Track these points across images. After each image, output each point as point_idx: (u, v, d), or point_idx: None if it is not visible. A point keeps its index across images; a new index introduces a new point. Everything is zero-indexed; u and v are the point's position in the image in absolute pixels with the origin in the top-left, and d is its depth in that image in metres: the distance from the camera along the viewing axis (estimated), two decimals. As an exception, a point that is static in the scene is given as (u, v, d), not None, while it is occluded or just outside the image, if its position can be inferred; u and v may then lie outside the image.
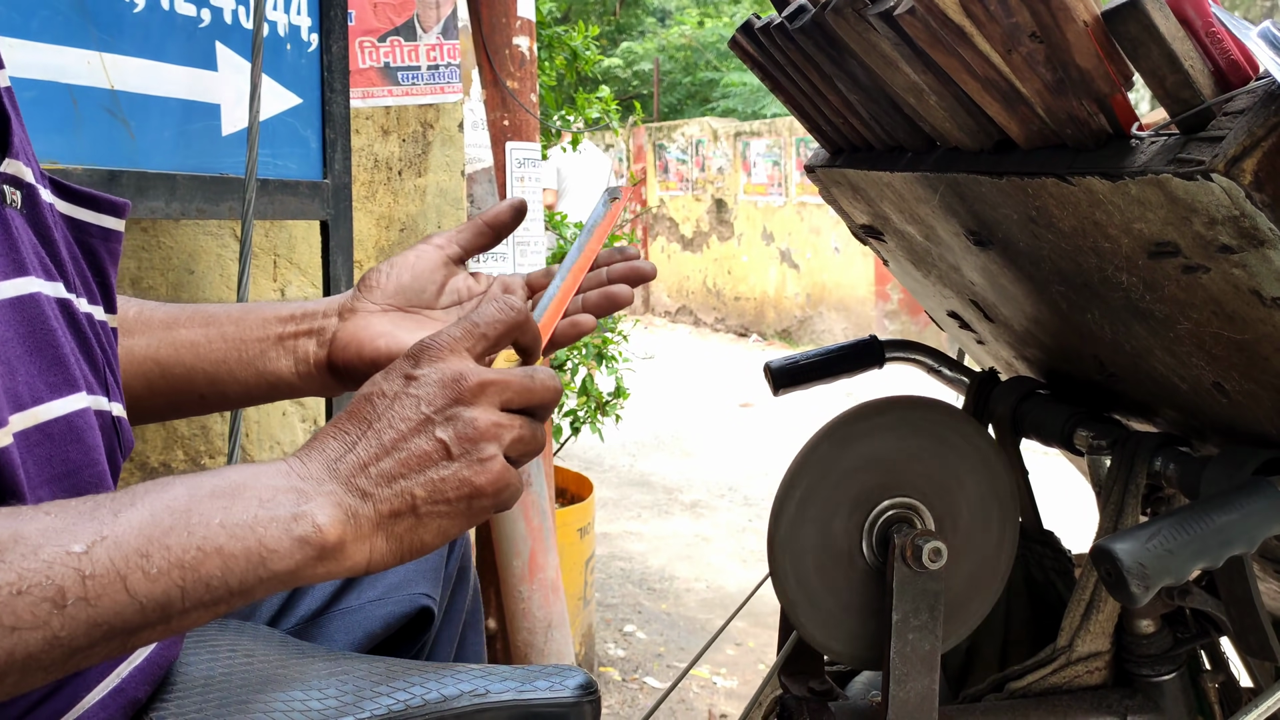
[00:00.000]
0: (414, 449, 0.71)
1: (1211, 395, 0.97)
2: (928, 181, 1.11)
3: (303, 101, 1.85)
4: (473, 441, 0.72)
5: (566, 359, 4.27)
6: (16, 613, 0.57)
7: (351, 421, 0.73)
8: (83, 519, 0.61)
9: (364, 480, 0.70)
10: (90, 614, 0.59)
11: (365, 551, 0.69)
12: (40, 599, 0.58)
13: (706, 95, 17.09)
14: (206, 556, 0.63)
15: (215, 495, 0.65)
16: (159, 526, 0.62)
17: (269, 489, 0.67)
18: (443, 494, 0.71)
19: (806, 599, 0.97)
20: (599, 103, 4.40)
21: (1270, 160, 0.69)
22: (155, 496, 0.64)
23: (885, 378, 1.51)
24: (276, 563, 0.65)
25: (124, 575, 0.60)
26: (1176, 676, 1.10)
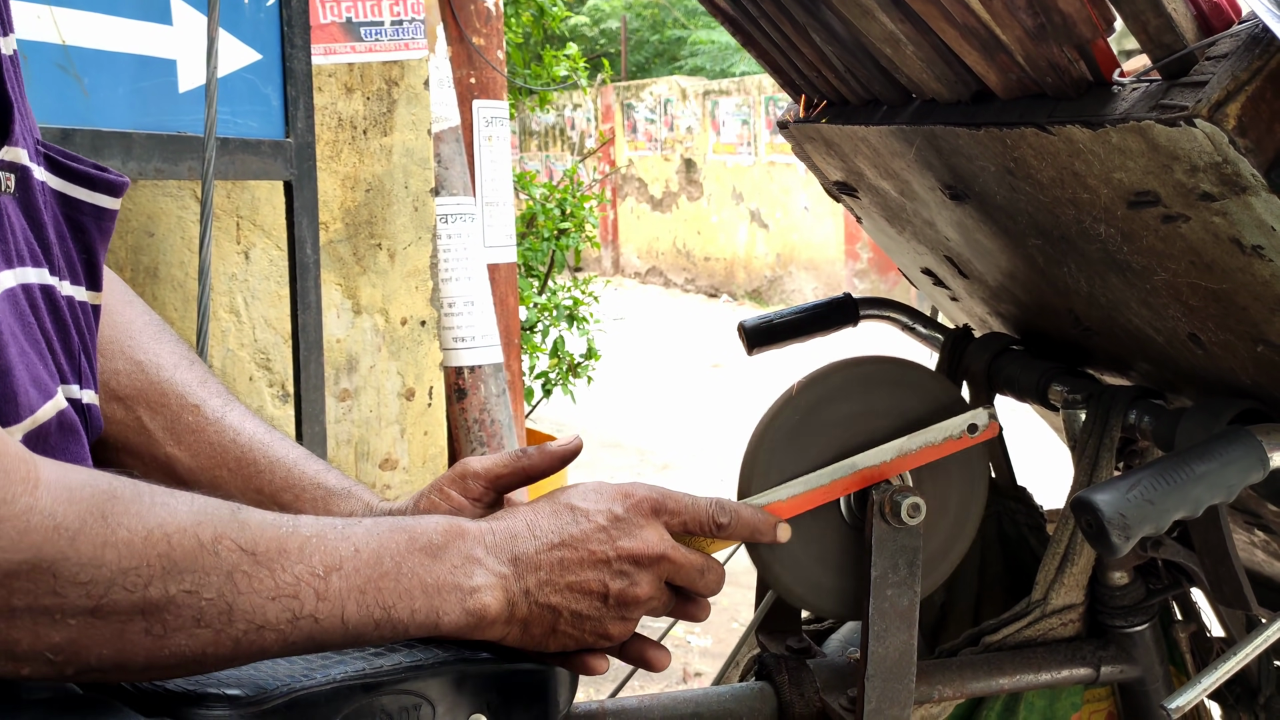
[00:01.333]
0: (582, 579, 0.80)
1: (1187, 347, 0.97)
2: (903, 135, 1.09)
3: (262, 58, 1.80)
4: (628, 604, 0.82)
5: (537, 321, 4.25)
6: (266, 615, 0.67)
7: (549, 520, 0.82)
8: (328, 544, 0.71)
9: (532, 579, 0.79)
10: (312, 629, 0.69)
11: (503, 633, 0.79)
12: (286, 608, 0.68)
13: (674, 54, 16.96)
14: (402, 603, 0.73)
15: (425, 550, 0.76)
16: (379, 568, 0.73)
17: (462, 556, 0.77)
18: (581, 626, 0.81)
19: (782, 557, 0.97)
20: (566, 60, 4.35)
21: (1254, 105, 0.68)
22: (383, 538, 0.74)
23: (859, 337, 1.50)
24: (445, 621, 0.75)
25: (345, 604, 0.70)
26: (1149, 627, 1.11)
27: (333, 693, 0.77)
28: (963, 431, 0.97)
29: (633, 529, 0.82)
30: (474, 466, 0.93)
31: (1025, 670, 1.07)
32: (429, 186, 2.58)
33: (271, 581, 0.67)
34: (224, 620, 0.65)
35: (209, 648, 0.65)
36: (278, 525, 0.70)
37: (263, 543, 0.68)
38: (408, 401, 2.59)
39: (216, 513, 0.67)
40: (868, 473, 0.95)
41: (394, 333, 2.54)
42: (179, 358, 0.99)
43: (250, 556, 0.67)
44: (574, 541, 0.80)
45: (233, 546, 0.66)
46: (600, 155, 12.90)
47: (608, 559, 0.81)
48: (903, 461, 0.96)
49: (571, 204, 4.44)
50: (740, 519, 0.88)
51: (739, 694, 1.00)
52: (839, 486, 0.94)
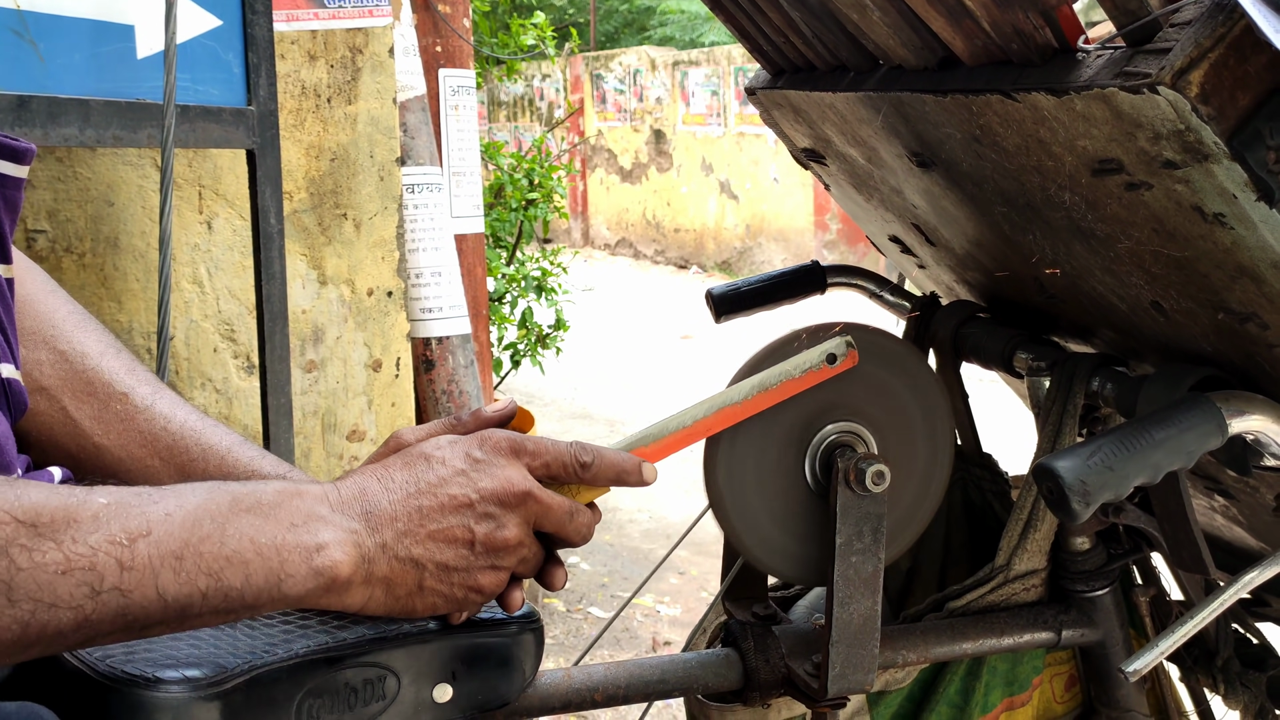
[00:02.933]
0: (445, 526, 0.75)
1: (1149, 314, 0.98)
2: (871, 101, 1.09)
3: (222, 23, 1.77)
4: (497, 549, 0.77)
5: (505, 292, 4.23)
6: (57, 591, 0.61)
7: (401, 471, 0.76)
8: (131, 511, 0.65)
9: (389, 533, 0.74)
10: (120, 603, 0.63)
11: (364, 596, 0.74)
12: (81, 582, 0.62)
13: (643, 23, 16.84)
14: (232, 568, 0.67)
15: (253, 509, 0.69)
16: (198, 531, 0.67)
17: (301, 513, 0.71)
18: (449, 579, 0.76)
19: (749, 524, 0.97)
20: (534, 29, 4.31)
21: (1216, 72, 0.69)
22: (202, 499, 0.68)
23: (826, 305, 1.51)
24: (290, 586, 0.70)
25: (157, 573, 0.65)
26: (1110, 591, 1.12)
27: (294, 668, 0.76)
28: (821, 362, 0.93)
29: (493, 469, 0.77)
30: (407, 437, 0.89)
31: (988, 635, 1.08)
32: (395, 156, 2.55)
33: (59, 554, 0.62)
34: (3, 601, 0.60)
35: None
36: (66, 496, 0.64)
37: (45, 513, 0.62)
38: (375, 373, 2.57)
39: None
40: (730, 411, 0.91)
41: (360, 303, 2.52)
42: (105, 346, 0.96)
43: (29, 528, 0.61)
44: (431, 488, 0.76)
45: (5, 519, 0.61)
46: (569, 126, 12.82)
47: (470, 502, 0.76)
48: (764, 397, 0.91)
49: (540, 174, 4.41)
50: (604, 460, 0.83)
51: (705, 660, 1.00)
52: (702, 427, 0.90)
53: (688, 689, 1.00)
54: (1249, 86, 0.70)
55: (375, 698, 0.80)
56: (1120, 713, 1.16)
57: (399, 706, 0.81)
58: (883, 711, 1.13)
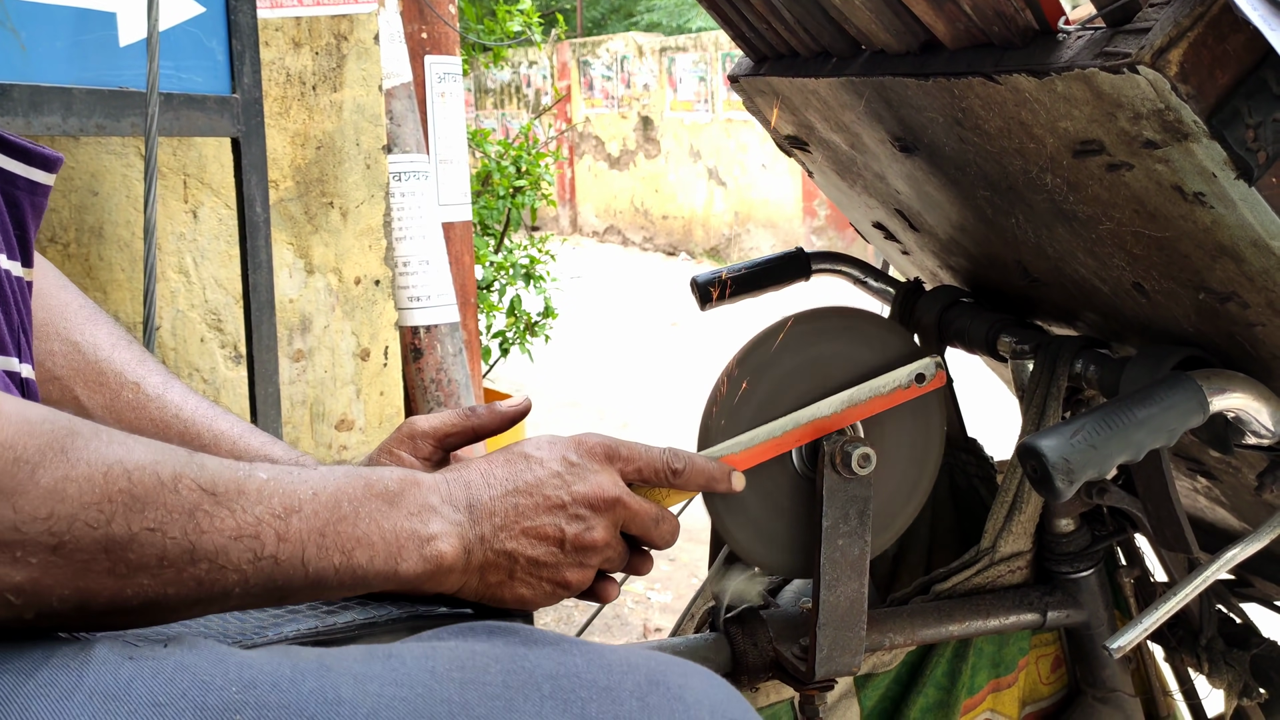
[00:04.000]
0: (538, 524, 0.80)
1: (1131, 296, 0.98)
2: (853, 87, 1.09)
3: (206, 10, 1.76)
4: (583, 548, 0.82)
5: (494, 280, 4.23)
6: (229, 555, 0.66)
7: (503, 468, 0.82)
8: (286, 487, 0.70)
9: (487, 526, 0.79)
10: (272, 571, 0.68)
11: (461, 582, 0.79)
12: (247, 548, 0.67)
13: (630, 9, 16.79)
14: (361, 548, 0.72)
15: (381, 496, 0.75)
16: (338, 511, 0.72)
17: (418, 502, 0.77)
18: (538, 574, 0.81)
19: (735, 510, 0.97)
20: (520, 15, 4.29)
21: (1195, 52, 0.69)
22: (340, 483, 0.73)
23: (812, 291, 1.51)
24: (404, 569, 0.75)
25: (304, 545, 0.70)
26: (1094, 573, 1.13)
27: None
28: (911, 381, 0.97)
29: (587, 474, 0.82)
30: (421, 426, 0.93)
31: (974, 617, 1.09)
32: (381, 144, 2.54)
33: (233, 521, 0.67)
34: (187, 559, 0.65)
35: (171, 588, 0.65)
36: (235, 468, 0.69)
37: (221, 483, 0.67)
38: (363, 362, 2.57)
39: (174, 453, 0.66)
40: (819, 424, 0.95)
41: (348, 292, 2.52)
42: (116, 338, 0.98)
43: (210, 496, 0.66)
44: (529, 488, 0.80)
45: (193, 485, 0.65)
46: (556, 113, 12.78)
47: (563, 503, 0.81)
48: (853, 412, 0.96)
49: (527, 162, 4.40)
50: (695, 467, 0.88)
51: (693, 645, 1.01)
52: (791, 438, 0.95)
53: (675, 672, 1.00)
54: (1228, 65, 0.70)
55: (364, 683, 0.80)
56: (1105, 692, 1.17)
57: (389, 692, 0.81)
58: (870, 694, 1.14)
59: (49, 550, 0.60)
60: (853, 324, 1.01)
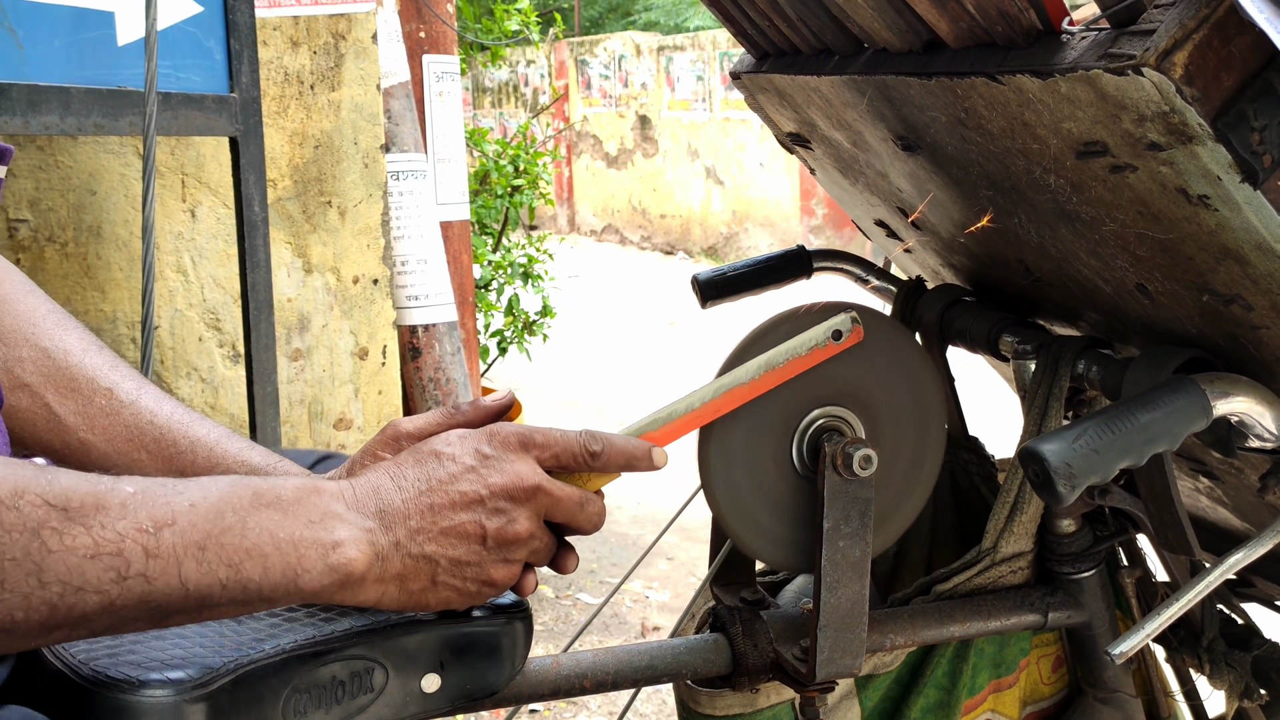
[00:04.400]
0: (457, 522, 0.76)
1: (1134, 297, 0.98)
2: (855, 85, 1.09)
3: (204, 9, 1.75)
4: (508, 543, 0.78)
5: (492, 279, 4.22)
6: (85, 575, 0.62)
7: (413, 469, 0.77)
8: (158, 500, 0.66)
9: (402, 531, 0.75)
10: (144, 590, 0.64)
11: (378, 593, 0.75)
12: (108, 567, 0.63)
13: (628, 8, 16.78)
14: (251, 560, 0.68)
15: (274, 504, 0.71)
16: (220, 523, 0.68)
17: (319, 510, 0.72)
18: (462, 574, 0.77)
19: (738, 509, 0.97)
20: (518, 15, 4.28)
21: (1200, 54, 0.68)
22: (224, 492, 0.69)
23: (813, 290, 1.50)
24: (306, 581, 0.71)
25: (181, 561, 0.66)
26: (1096, 573, 1.13)
27: (281, 664, 0.76)
28: (827, 339, 0.92)
29: (502, 464, 0.78)
30: (405, 427, 0.89)
31: (975, 618, 1.09)
32: (379, 143, 2.54)
33: (88, 539, 0.63)
34: (34, 582, 0.61)
35: (19, 613, 0.61)
36: (95, 482, 0.65)
37: (75, 498, 0.63)
38: (361, 361, 2.56)
39: (18, 471, 0.62)
40: (737, 392, 0.90)
41: (346, 291, 2.51)
42: (86, 343, 0.96)
43: (60, 512, 0.62)
44: (442, 485, 0.77)
45: (38, 502, 0.62)
46: (554, 112, 12.77)
47: (480, 498, 0.77)
48: (771, 376, 0.91)
49: (525, 160, 4.39)
50: (613, 447, 0.83)
51: (693, 645, 1.00)
52: (710, 409, 0.90)
53: (676, 674, 1.00)
54: (1233, 67, 0.70)
55: (363, 690, 0.80)
56: (1106, 693, 1.17)
57: (387, 698, 0.81)
58: (871, 695, 1.14)
59: None
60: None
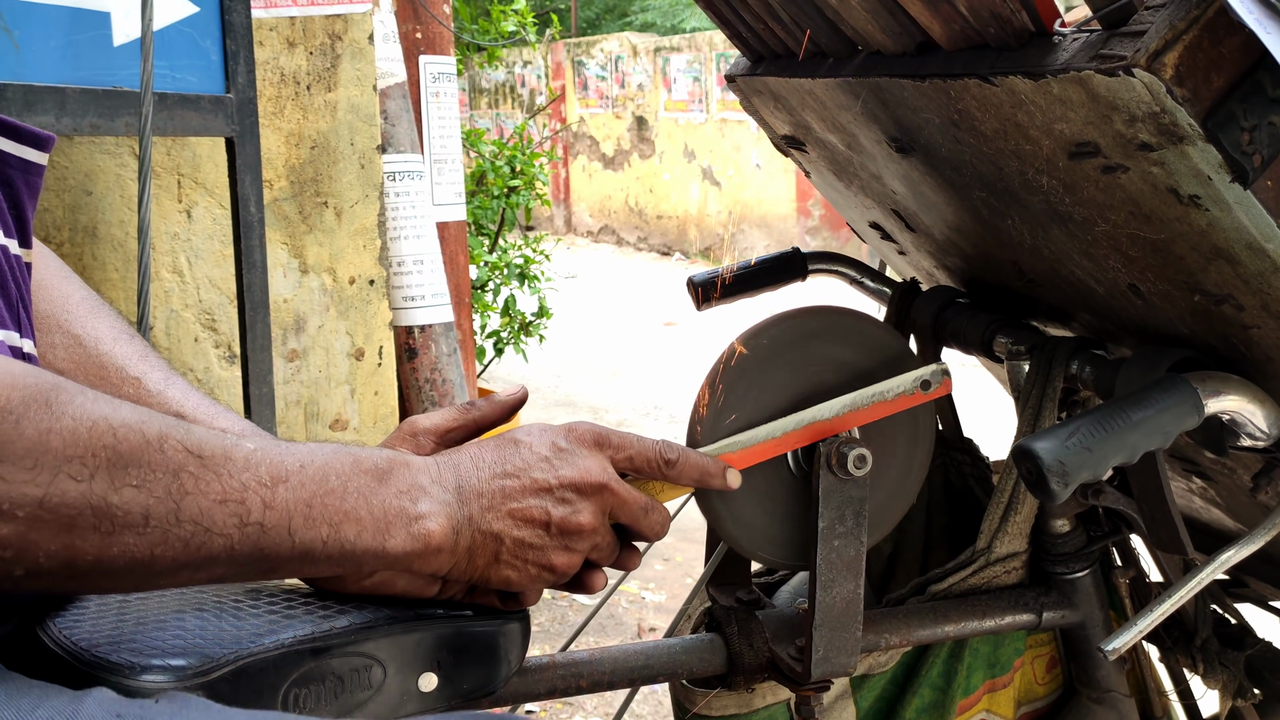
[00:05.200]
0: (525, 505, 0.80)
1: (1127, 297, 0.98)
2: (850, 87, 1.09)
3: (200, 10, 1.75)
4: (569, 532, 0.81)
5: (488, 280, 4.22)
6: (214, 518, 0.67)
7: (492, 452, 0.82)
8: (274, 458, 0.71)
9: (475, 507, 0.79)
10: (259, 538, 0.69)
11: (450, 562, 0.79)
12: (233, 513, 0.68)
13: (624, 9, 16.79)
14: (349, 522, 0.73)
15: (370, 473, 0.75)
16: (325, 485, 0.72)
17: (407, 481, 0.77)
18: (524, 556, 0.81)
19: (731, 510, 0.97)
20: (515, 16, 4.28)
21: (1191, 55, 0.69)
22: (329, 457, 0.74)
23: (809, 292, 1.51)
24: (391, 548, 0.75)
25: (291, 515, 0.70)
26: (1089, 573, 1.13)
27: (281, 658, 0.76)
28: (915, 387, 0.97)
29: (575, 458, 0.82)
30: (423, 423, 0.93)
31: (970, 617, 1.09)
32: (375, 144, 2.54)
33: (219, 485, 0.67)
34: (171, 520, 0.65)
35: (157, 548, 0.65)
36: (222, 437, 0.70)
37: (208, 448, 0.68)
38: (357, 361, 2.56)
39: (160, 417, 0.67)
40: (819, 427, 0.95)
41: (342, 292, 2.51)
42: (118, 332, 0.97)
43: (197, 459, 0.67)
44: (516, 471, 0.81)
45: (179, 447, 0.66)
46: (551, 112, 12.77)
47: (549, 487, 0.81)
48: (854, 416, 0.96)
49: (521, 161, 4.40)
50: (689, 460, 0.88)
51: (689, 645, 1.01)
52: (790, 440, 0.94)
53: (672, 674, 1.00)
54: (1223, 68, 0.70)
55: (361, 687, 0.80)
56: (1100, 693, 1.17)
57: (384, 695, 0.81)
58: (866, 694, 1.14)
59: (35, 504, 0.60)
60: (842, 323, 1.00)
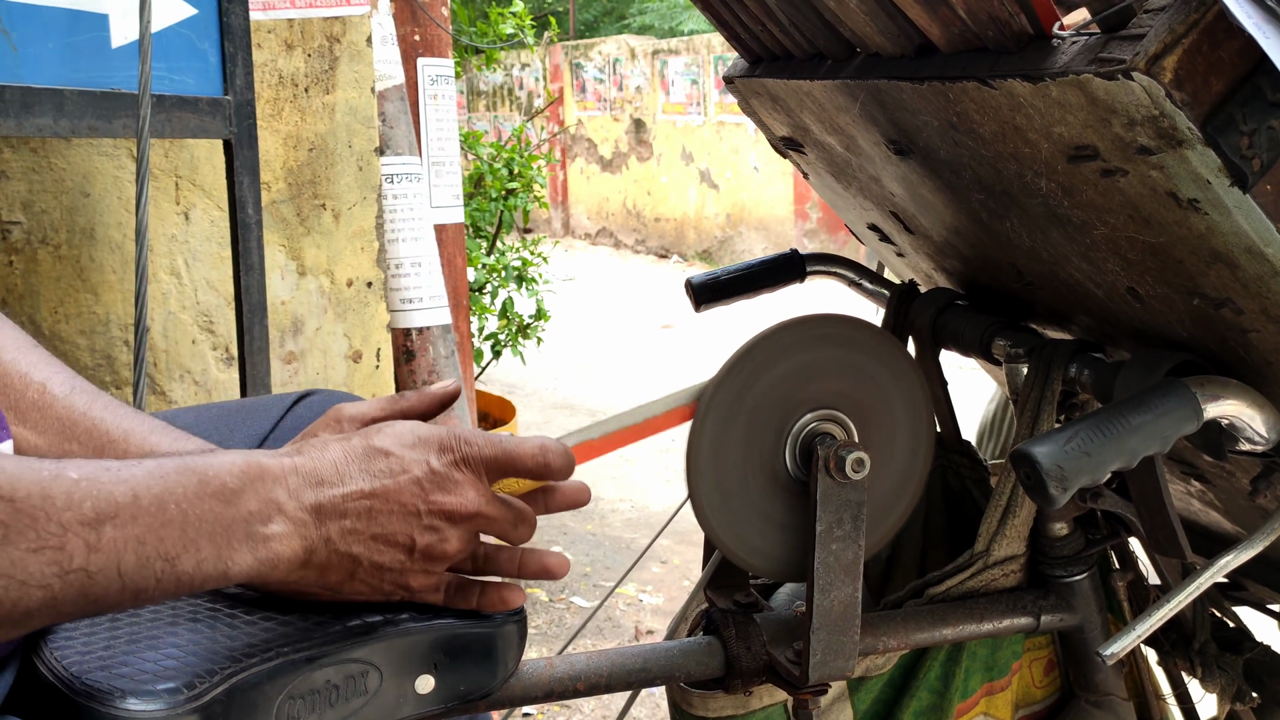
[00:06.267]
0: (389, 531, 0.76)
1: (1125, 300, 0.98)
2: (848, 89, 1.09)
3: (198, 12, 1.75)
4: (434, 558, 0.78)
5: (486, 282, 4.22)
6: (28, 569, 0.61)
7: (360, 464, 0.76)
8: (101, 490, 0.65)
9: (335, 527, 0.75)
10: (84, 583, 0.64)
11: (298, 578, 0.75)
12: (51, 561, 0.62)
13: (622, 12, 16.80)
14: (187, 553, 0.68)
15: (217, 494, 0.70)
16: (162, 515, 0.67)
17: (260, 500, 0.72)
18: (380, 577, 0.78)
19: (728, 517, 0.97)
20: (513, 18, 4.28)
21: (1190, 58, 0.69)
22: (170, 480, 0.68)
23: (807, 294, 1.51)
24: (234, 572, 0.71)
25: (120, 557, 0.65)
26: (1088, 576, 1.13)
27: (274, 670, 0.75)
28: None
29: (447, 484, 0.77)
30: (349, 411, 0.89)
31: (968, 621, 1.09)
32: (373, 146, 2.54)
33: (33, 532, 0.61)
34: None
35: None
36: (40, 469, 0.63)
37: (22, 487, 0.61)
38: (355, 364, 2.56)
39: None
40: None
41: (340, 294, 2.51)
42: (20, 342, 0.95)
43: (7, 503, 0.61)
44: (385, 491, 0.76)
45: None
46: (549, 115, 12.77)
47: (418, 512, 0.77)
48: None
49: (519, 164, 4.39)
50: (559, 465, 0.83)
51: (686, 648, 1.01)
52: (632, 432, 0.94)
53: (670, 677, 1.00)
54: (1222, 72, 0.70)
55: (357, 693, 0.80)
56: (1099, 696, 1.17)
57: (381, 700, 0.81)
58: (863, 698, 1.14)
59: None
60: (839, 330, 1.00)
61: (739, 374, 0.97)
